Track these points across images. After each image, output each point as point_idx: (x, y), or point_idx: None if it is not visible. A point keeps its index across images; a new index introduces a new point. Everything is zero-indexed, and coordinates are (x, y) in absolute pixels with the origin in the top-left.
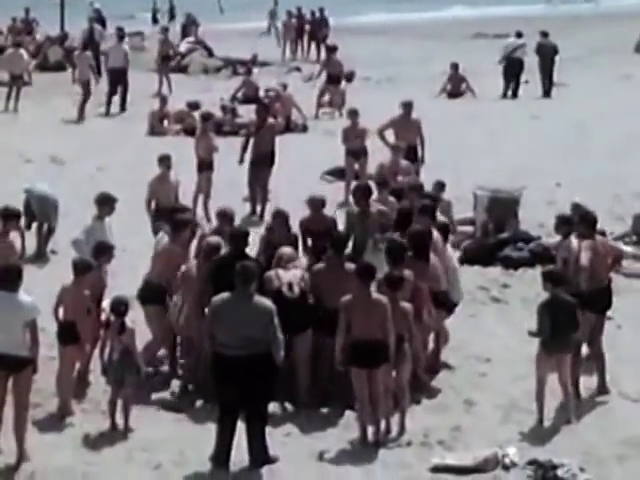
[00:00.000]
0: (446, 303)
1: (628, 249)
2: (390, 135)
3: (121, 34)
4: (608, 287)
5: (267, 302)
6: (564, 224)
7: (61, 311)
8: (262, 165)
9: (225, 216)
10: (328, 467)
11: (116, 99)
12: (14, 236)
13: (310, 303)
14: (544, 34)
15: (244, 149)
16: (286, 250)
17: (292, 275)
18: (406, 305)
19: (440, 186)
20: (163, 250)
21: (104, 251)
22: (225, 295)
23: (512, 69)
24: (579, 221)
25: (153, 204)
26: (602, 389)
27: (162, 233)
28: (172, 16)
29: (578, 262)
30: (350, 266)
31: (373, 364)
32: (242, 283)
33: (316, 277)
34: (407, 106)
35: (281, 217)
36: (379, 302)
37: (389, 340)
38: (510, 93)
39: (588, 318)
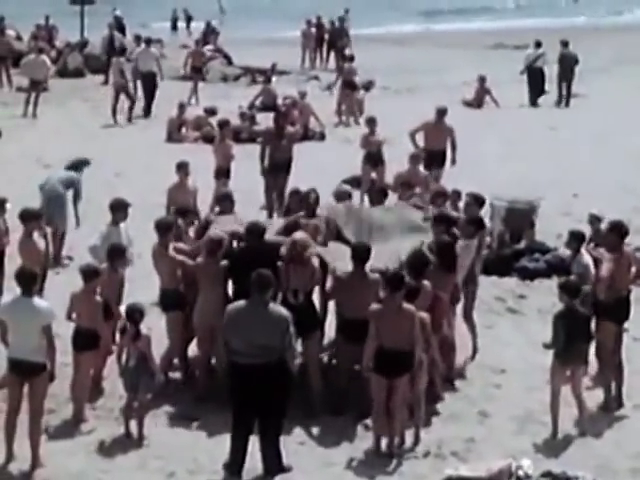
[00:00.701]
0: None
1: None
2: (420, 139)
3: (148, 39)
4: (627, 298)
5: (283, 310)
6: (575, 240)
7: (74, 317)
8: (279, 173)
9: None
10: (342, 476)
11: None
12: (37, 238)
13: (315, 305)
14: (564, 44)
15: (262, 158)
16: (300, 236)
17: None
18: (424, 315)
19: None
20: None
21: (118, 254)
22: (240, 303)
23: (534, 78)
24: (609, 230)
25: (172, 211)
26: (618, 401)
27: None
28: (189, 24)
29: (597, 272)
30: (374, 276)
31: (396, 374)
32: (258, 291)
33: (339, 286)
34: (441, 112)
35: (297, 195)
36: (408, 312)
37: (415, 351)
38: (529, 101)
39: (606, 329)
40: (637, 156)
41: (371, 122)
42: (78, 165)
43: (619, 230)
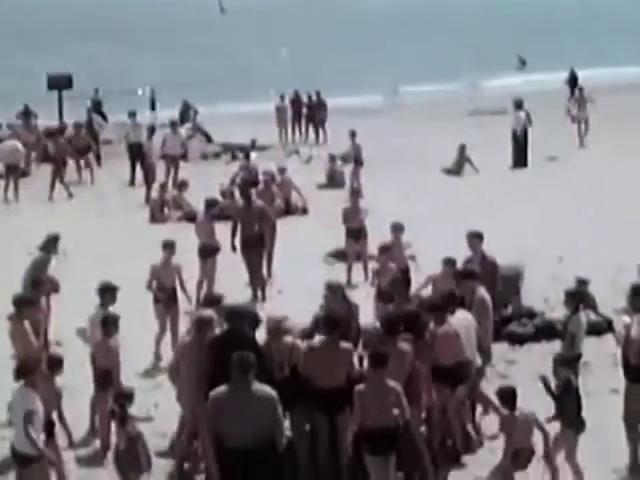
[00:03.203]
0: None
1: None
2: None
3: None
4: None
5: (268, 389)
6: (573, 298)
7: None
8: (251, 249)
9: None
10: None
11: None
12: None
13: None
14: (518, 104)
15: (233, 234)
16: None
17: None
18: (395, 385)
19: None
20: None
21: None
22: (223, 388)
23: (519, 140)
24: (633, 293)
25: (154, 285)
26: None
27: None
28: (153, 107)
29: (628, 335)
30: (346, 345)
31: (389, 451)
32: (240, 372)
33: (310, 356)
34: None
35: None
36: (393, 390)
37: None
38: (513, 164)
39: (636, 392)
40: (618, 215)
41: (354, 194)
42: (47, 245)
43: None
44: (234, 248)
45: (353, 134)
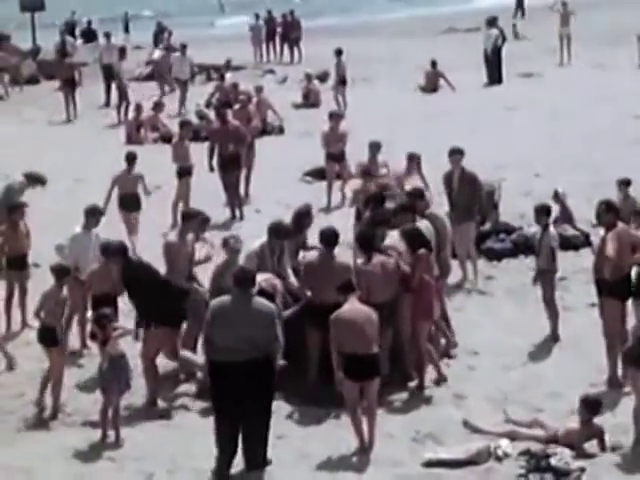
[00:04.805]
0: None
1: None
2: None
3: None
4: (629, 276)
5: (268, 303)
6: (543, 214)
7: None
8: (229, 169)
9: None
10: (320, 468)
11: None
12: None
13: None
14: (490, 22)
15: (210, 155)
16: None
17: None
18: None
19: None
20: None
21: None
22: (224, 298)
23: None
24: (606, 210)
25: (115, 192)
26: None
27: None
28: (127, 29)
29: (602, 252)
30: (342, 260)
31: (366, 377)
32: (240, 287)
33: (309, 270)
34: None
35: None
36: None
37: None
38: (488, 81)
39: (612, 306)
40: (593, 132)
41: (334, 117)
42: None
43: (616, 208)
44: (212, 168)
45: (339, 52)
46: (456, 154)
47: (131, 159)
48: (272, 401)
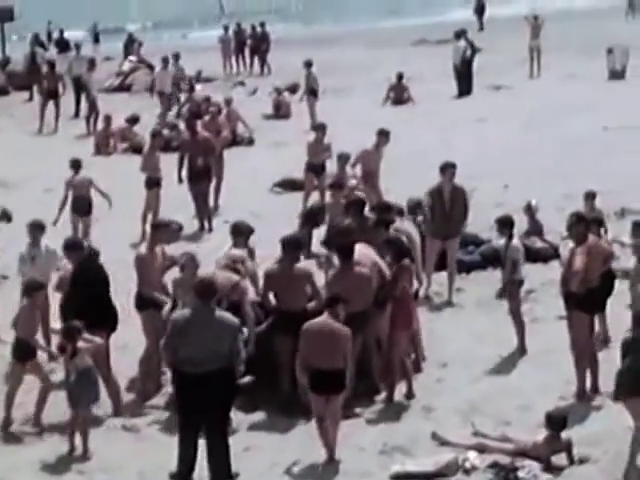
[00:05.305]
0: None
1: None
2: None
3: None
4: (597, 289)
5: (230, 316)
6: (506, 226)
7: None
8: (198, 180)
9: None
10: (289, 479)
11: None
12: None
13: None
14: (458, 35)
15: (180, 166)
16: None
17: None
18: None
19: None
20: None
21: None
22: (186, 311)
23: (462, 70)
24: (576, 222)
25: (69, 197)
26: (594, 390)
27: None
28: (97, 40)
29: (571, 265)
30: (301, 268)
31: (331, 392)
32: (202, 298)
33: (270, 279)
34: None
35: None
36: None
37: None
38: (458, 92)
39: (580, 320)
40: (563, 143)
41: (319, 128)
42: None
43: (587, 221)
44: (180, 180)
45: (309, 64)
46: (450, 168)
47: (77, 166)
48: (229, 413)
